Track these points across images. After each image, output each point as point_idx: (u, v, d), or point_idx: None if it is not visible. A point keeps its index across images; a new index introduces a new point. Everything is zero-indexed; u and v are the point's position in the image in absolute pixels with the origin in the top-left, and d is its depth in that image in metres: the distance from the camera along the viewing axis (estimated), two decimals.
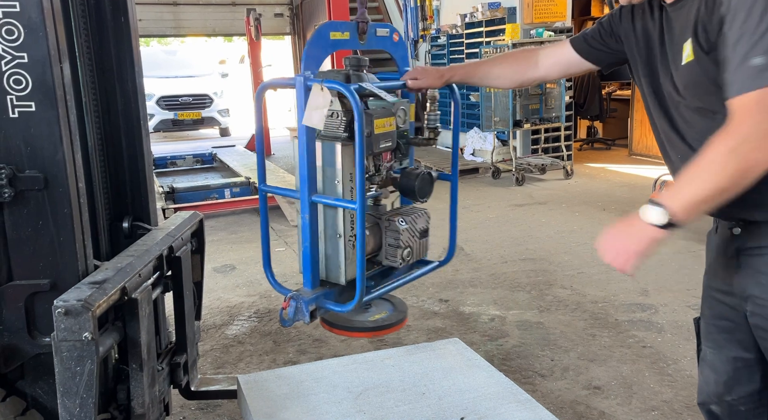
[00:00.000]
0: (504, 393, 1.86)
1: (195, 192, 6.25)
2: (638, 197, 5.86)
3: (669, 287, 3.71)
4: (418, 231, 1.75)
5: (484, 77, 1.82)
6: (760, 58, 1.00)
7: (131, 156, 2.04)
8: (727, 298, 1.39)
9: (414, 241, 1.74)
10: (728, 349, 1.42)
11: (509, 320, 3.33)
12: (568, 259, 4.28)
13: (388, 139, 1.64)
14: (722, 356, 1.44)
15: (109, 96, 1.98)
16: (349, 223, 1.66)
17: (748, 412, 1.43)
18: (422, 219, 1.78)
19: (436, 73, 1.77)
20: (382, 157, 1.70)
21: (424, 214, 1.78)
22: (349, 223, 1.66)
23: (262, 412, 1.79)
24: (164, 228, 2.05)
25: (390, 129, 1.64)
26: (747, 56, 1.03)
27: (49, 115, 1.48)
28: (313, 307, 1.67)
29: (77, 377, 1.39)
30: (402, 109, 1.73)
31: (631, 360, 2.86)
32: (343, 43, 1.71)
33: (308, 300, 1.67)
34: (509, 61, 1.78)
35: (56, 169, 1.51)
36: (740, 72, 1.04)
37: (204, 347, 3.09)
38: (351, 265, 1.68)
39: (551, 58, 1.69)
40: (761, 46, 1.01)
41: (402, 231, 1.69)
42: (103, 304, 1.45)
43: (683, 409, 2.46)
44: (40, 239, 1.53)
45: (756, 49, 1.01)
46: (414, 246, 1.74)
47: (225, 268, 4.41)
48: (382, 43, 1.84)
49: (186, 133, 13.38)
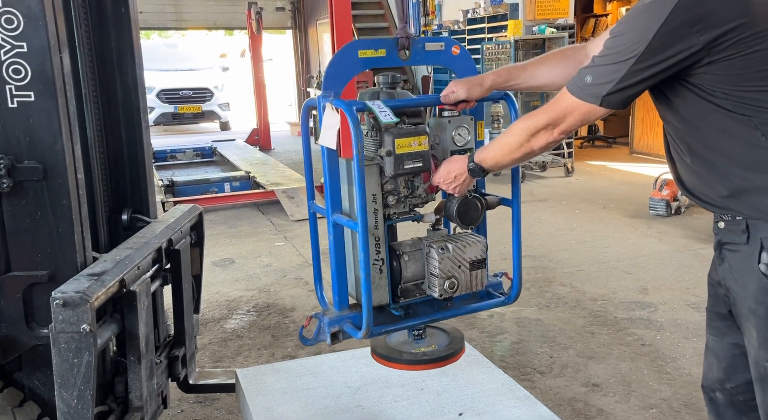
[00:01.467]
0: (503, 389, 1.86)
1: (195, 186, 6.25)
2: (639, 195, 5.85)
3: (668, 285, 3.71)
4: (466, 261, 1.57)
5: (530, 78, 1.65)
6: (590, 77, 1.30)
7: (131, 148, 2.04)
8: (718, 288, 1.46)
9: (460, 271, 1.57)
10: (728, 336, 1.48)
11: (508, 317, 3.33)
12: (568, 257, 4.28)
13: (418, 160, 1.51)
14: (723, 343, 1.50)
15: (109, 88, 1.97)
16: (374, 245, 1.56)
17: (747, 402, 1.48)
18: (474, 248, 1.58)
19: (475, 81, 1.62)
20: (422, 177, 1.58)
21: (477, 242, 1.60)
22: (374, 246, 1.56)
23: (261, 407, 1.78)
24: (163, 221, 2.05)
25: (419, 149, 1.52)
26: (585, 71, 1.32)
27: (49, 105, 1.47)
28: (335, 329, 1.59)
29: (75, 369, 1.39)
30: (463, 126, 1.60)
31: (629, 358, 2.85)
32: (378, 61, 1.58)
33: (331, 321, 1.59)
34: (557, 57, 1.67)
35: (55, 160, 1.50)
36: (578, 75, 1.33)
37: (202, 341, 3.08)
38: (376, 290, 1.58)
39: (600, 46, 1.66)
40: (595, 71, 1.30)
41: (441, 259, 1.54)
42: (101, 296, 1.44)
43: (681, 407, 2.46)
44: (38, 230, 1.52)
45: (591, 70, 1.30)
46: (461, 277, 1.57)
47: (224, 262, 4.41)
48: (436, 58, 1.68)
49: (186, 127, 13.36)
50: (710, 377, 1.56)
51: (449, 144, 1.61)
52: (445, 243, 1.57)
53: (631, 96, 1.29)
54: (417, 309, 1.66)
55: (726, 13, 1.19)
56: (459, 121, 1.62)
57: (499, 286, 1.77)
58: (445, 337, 1.76)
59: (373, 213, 1.55)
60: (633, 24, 1.26)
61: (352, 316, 1.58)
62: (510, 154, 1.45)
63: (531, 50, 7.00)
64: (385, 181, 1.58)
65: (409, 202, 1.62)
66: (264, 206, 6.02)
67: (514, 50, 6.74)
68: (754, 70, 1.22)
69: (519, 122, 1.43)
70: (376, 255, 1.57)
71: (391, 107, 1.51)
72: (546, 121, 1.37)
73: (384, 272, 1.59)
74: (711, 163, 1.33)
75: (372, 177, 1.54)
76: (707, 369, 1.58)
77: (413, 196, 1.61)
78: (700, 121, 1.31)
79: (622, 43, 1.26)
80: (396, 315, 1.62)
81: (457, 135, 1.61)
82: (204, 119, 12.57)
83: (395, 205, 1.60)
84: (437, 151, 1.65)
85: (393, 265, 1.61)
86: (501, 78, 1.63)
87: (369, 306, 1.50)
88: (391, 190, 1.59)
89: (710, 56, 1.21)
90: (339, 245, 1.61)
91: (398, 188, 1.59)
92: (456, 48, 1.68)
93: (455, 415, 1.72)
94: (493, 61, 7.03)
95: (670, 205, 5.21)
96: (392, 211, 1.60)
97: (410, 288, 1.64)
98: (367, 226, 1.48)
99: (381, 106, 1.50)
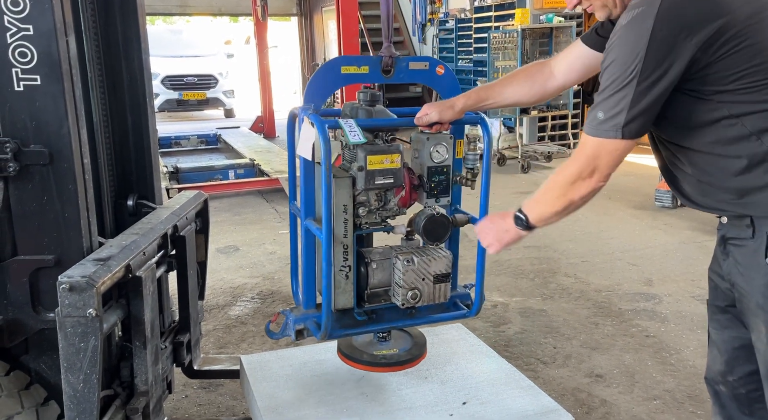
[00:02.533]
0: (506, 379, 1.86)
1: (199, 172, 6.25)
2: (644, 187, 5.83)
3: (673, 277, 3.70)
4: (431, 274, 1.61)
5: (499, 97, 1.69)
6: (601, 113, 1.26)
7: (137, 133, 2.03)
8: (721, 282, 1.46)
9: (424, 284, 1.61)
10: (729, 329, 1.49)
11: (512, 307, 3.33)
12: (573, 248, 4.27)
13: (389, 176, 1.57)
14: (724, 336, 1.51)
15: (114, 72, 1.96)
16: (342, 253, 1.62)
17: (749, 393, 1.49)
18: (440, 262, 1.62)
19: (446, 104, 1.65)
20: (394, 192, 1.63)
21: (444, 257, 1.64)
22: (341, 253, 1.62)
23: (265, 393, 1.79)
24: (169, 207, 2.04)
25: (391, 166, 1.56)
26: (595, 107, 1.28)
27: (55, 88, 1.46)
28: (300, 326, 1.67)
29: (81, 353, 1.39)
30: (442, 144, 1.63)
31: (633, 349, 2.85)
32: (360, 77, 1.61)
33: (297, 319, 1.67)
34: (521, 77, 1.70)
35: (61, 144, 1.49)
36: (589, 116, 1.30)
37: (207, 327, 3.10)
38: (342, 294, 1.64)
39: (564, 61, 1.64)
40: (603, 105, 1.26)
41: (406, 271, 1.59)
42: (107, 281, 1.44)
43: (685, 398, 2.46)
44: (44, 215, 1.52)
45: (600, 106, 1.27)
46: (424, 289, 1.61)
47: (229, 249, 4.41)
48: (420, 77, 1.68)
49: (191, 114, 13.34)
50: (713, 370, 1.57)
51: (426, 160, 1.64)
52: (411, 255, 1.62)
53: (649, 120, 1.26)
54: (382, 314, 1.72)
55: (704, 16, 1.19)
56: (438, 138, 1.64)
57: (467, 297, 1.81)
58: (409, 342, 1.82)
59: (343, 222, 1.60)
60: (621, 48, 1.24)
61: (318, 316, 1.63)
62: (551, 208, 1.41)
63: (538, 39, 6.94)
64: (357, 193, 1.61)
65: (379, 214, 1.65)
66: (268, 194, 6.01)
67: (521, 39, 6.67)
68: (746, 66, 1.21)
69: (553, 176, 1.41)
70: (343, 262, 1.63)
71: (364, 126, 1.54)
72: (577, 171, 1.33)
73: (350, 278, 1.65)
74: (712, 169, 1.32)
75: (345, 189, 1.58)
76: (710, 362, 1.58)
77: (384, 209, 1.65)
78: (699, 128, 1.30)
79: (618, 69, 1.23)
80: (359, 319, 1.68)
81: (435, 152, 1.64)
82: (208, 106, 12.55)
83: (366, 215, 1.64)
84: (414, 165, 1.68)
85: (360, 271, 1.67)
86: (471, 100, 1.66)
87: (329, 311, 1.57)
88: (363, 202, 1.63)
89: (707, 58, 1.20)
90: (310, 248, 1.68)
91: (370, 200, 1.63)
92: (440, 68, 1.71)
93: (459, 404, 1.72)
94: (500, 49, 6.98)
95: (675, 197, 5.19)
96: (363, 221, 1.64)
97: (379, 293, 1.69)
98: (331, 236, 1.53)
99: (352, 126, 1.53)
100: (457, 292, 1.80)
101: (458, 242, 1.81)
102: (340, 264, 1.62)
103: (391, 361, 1.72)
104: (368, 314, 1.69)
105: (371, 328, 1.70)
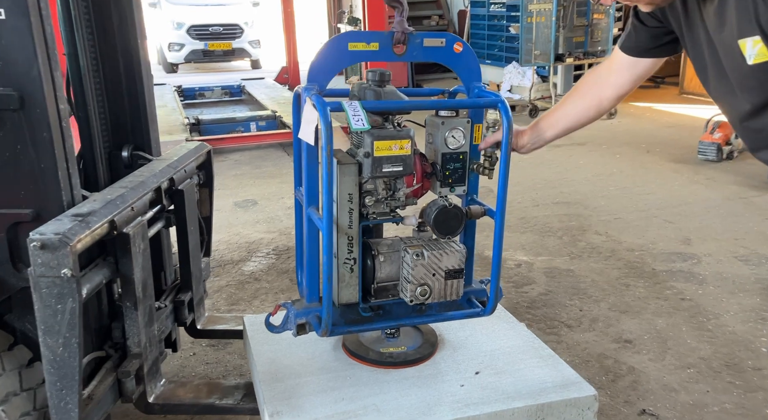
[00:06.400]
0: (525, 347, 1.71)
1: (220, 124, 6.13)
2: (687, 139, 5.48)
3: (714, 236, 3.46)
4: (442, 270, 1.50)
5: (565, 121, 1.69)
6: None
7: (129, 78, 1.88)
8: None
9: (435, 280, 1.50)
10: None
11: (537, 267, 3.15)
12: (605, 204, 4.04)
13: (398, 163, 1.43)
14: None
15: (102, 9, 1.80)
16: (347, 244, 1.50)
17: None
18: (452, 257, 1.50)
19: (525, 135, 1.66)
20: (405, 181, 1.49)
21: (456, 252, 1.51)
22: (346, 245, 1.50)
23: (266, 357, 1.69)
24: (166, 158, 1.91)
25: (401, 152, 1.43)
26: None
27: (21, 24, 1.31)
28: (302, 320, 1.55)
29: (59, 315, 1.29)
30: (458, 129, 1.49)
31: (667, 313, 2.67)
32: (369, 55, 1.45)
33: (299, 313, 1.55)
34: (574, 98, 1.68)
35: (32, 87, 1.36)
36: None
37: (219, 283, 3.02)
38: (346, 288, 1.53)
39: (612, 74, 1.59)
40: None
41: (414, 266, 1.47)
42: (84, 239, 1.32)
43: (722, 367, 2.28)
44: (19, 165, 1.40)
45: None
46: (434, 285, 1.50)
47: (246, 202, 4.32)
48: (436, 55, 1.52)
49: (218, 65, 13.16)
50: None
51: (441, 146, 1.50)
52: (421, 249, 1.49)
53: None
54: (390, 310, 1.59)
55: None
56: (454, 122, 1.49)
57: (482, 294, 1.67)
58: (419, 340, 1.70)
59: (348, 212, 1.47)
60: None
61: (321, 310, 1.49)
62: None
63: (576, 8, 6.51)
64: (364, 181, 1.47)
65: (388, 204, 1.51)
66: (289, 147, 5.87)
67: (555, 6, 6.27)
68: None
69: None
70: (348, 254, 1.50)
71: (372, 110, 1.41)
72: None
73: (355, 271, 1.53)
74: None
75: (350, 176, 1.45)
76: None
77: (393, 198, 1.50)
78: None
79: None
80: (364, 315, 1.56)
81: (451, 137, 1.50)
82: (234, 57, 12.33)
83: (373, 205, 1.50)
84: (428, 151, 1.56)
85: (367, 263, 1.54)
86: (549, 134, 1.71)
87: (329, 306, 1.44)
88: (369, 191, 1.49)
89: None
90: (313, 238, 1.54)
91: (377, 189, 1.49)
92: (459, 45, 1.52)
93: (471, 374, 1.59)
94: None
95: (721, 149, 4.84)
96: (370, 211, 1.50)
97: (387, 287, 1.57)
98: (331, 225, 1.40)
99: (356, 109, 1.36)
100: (471, 288, 1.66)
101: (474, 235, 1.66)
102: (345, 256, 1.50)
103: (398, 360, 1.62)
104: (374, 310, 1.57)
105: (377, 326, 1.59)
